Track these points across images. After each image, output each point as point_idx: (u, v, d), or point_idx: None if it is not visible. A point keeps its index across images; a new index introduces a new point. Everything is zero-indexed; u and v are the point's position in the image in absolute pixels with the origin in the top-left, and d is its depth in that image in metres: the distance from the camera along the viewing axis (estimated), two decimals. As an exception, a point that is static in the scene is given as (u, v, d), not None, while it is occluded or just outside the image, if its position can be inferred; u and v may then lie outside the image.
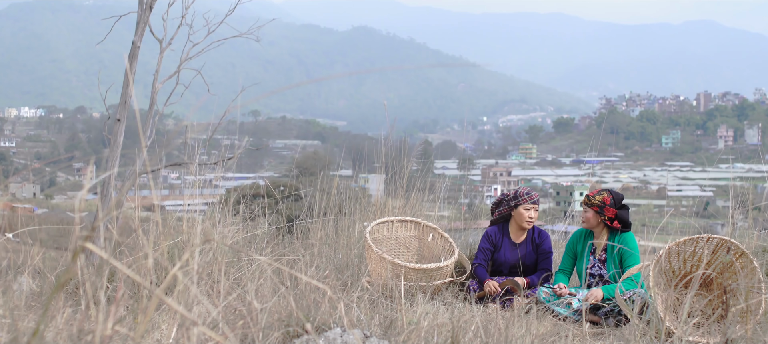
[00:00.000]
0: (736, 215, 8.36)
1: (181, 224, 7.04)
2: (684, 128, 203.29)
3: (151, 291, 2.11)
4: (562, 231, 10.21)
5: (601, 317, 6.93)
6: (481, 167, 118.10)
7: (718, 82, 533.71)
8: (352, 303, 4.86)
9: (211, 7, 10.45)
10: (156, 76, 9.52)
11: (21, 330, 2.75)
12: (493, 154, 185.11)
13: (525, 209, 7.84)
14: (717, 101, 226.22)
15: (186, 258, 2.23)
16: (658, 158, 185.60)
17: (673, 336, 5.51)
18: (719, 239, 6.43)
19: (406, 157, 10.55)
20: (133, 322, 3.15)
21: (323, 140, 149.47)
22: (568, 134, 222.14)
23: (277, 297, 4.98)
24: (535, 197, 7.87)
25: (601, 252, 7.29)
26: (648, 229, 10.79)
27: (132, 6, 9.63)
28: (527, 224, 7.88)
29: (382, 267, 7.18)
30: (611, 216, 7.15)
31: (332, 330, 4.20)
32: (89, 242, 2.06)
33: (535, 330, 5.50)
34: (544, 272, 7.69)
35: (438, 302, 6.59)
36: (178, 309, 1.99)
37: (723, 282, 6.50)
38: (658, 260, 6.33)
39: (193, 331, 2.53)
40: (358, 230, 8.76)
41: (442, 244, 8.21)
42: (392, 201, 9.61)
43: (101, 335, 2.31)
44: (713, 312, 6.42)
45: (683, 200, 50.02)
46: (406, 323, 4.66)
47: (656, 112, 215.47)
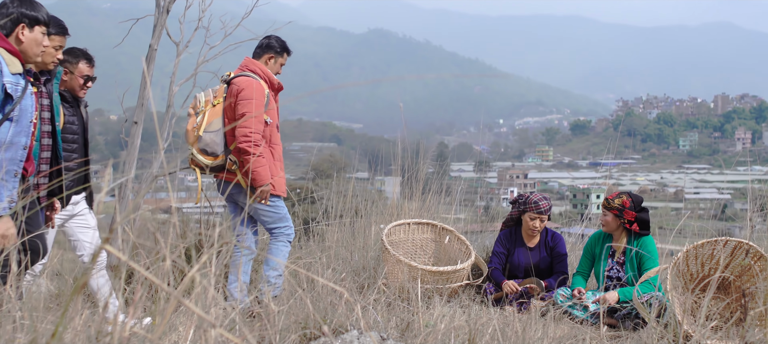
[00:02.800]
0: (754, 217, 8.31)
1: (199, 227, 7.07)
2: (701, 130, 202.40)
3: (169, 293, 2.12)
4: (579, 234, 10.16)
5: (619, 320, 6.90)
6: (498, 169, 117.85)
7: (736, 84, 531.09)
8: (368, 305, 4.86)
9: (227, 10, 10.47)
10: (173, 79, 9.55)
11: (40, 332, 2.76)
12: (509, 156, 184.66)
13: (530, 218, 7.80)
14: (735, 102, 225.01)
15: (204, 260, 2.23)
16: (675, 161, 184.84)
17: (691, 339, 5.48)
18: (737, 242, 6.39)
19: (422, 159, 10.54)
20: (150, 324, 3.16)
21: (339, 143, 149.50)
22: (584, 136, 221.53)
23: (294, 299, 4.99)
24: (544, 206, 7.76)
25: (620, 255, 7.25)
26: (665, 232, 10.74)
27: (149, 9, 9.66)
28: (531, 232, 7.84)
29: (398, 269, 7.17)
30: (631, 219, 7.11)
31: (349, 333, 4.20)
32: (107, 244, 2.06)
33: (553, 333, 5.48)
34: (560, 275, 7.66)
35: (455, 304, 6.58)
36: (196, 311, 2.00)
37: (741, 285, 6.46)
38: (675, 263, 6.30)
39: (210, 333, 2.53)
40: (374, 232, 8.76)
41: (458, 246, 8.20)
42: (408, 203, 9.61)
43: (119, 337, 2.31)
44: (731, 315, 6.38)
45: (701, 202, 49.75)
46: (422, 326, 4.65)
47: (673, 114, 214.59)
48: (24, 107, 4.51)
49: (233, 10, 12.17)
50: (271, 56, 6.76)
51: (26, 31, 4.58)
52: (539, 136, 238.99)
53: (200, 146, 6.32)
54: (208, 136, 6.31)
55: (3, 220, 4.33)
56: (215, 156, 6.34)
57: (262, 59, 6.75)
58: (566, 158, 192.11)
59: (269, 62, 6.76)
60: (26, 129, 4.55)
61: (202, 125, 6.33)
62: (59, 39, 5.34)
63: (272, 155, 6.56)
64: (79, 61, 6.05)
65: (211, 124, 6.35)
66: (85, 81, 6.09)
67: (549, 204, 7.82)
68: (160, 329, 2.34)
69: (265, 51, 6.77)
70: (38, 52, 4.67)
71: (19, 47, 4.57)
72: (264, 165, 6.30)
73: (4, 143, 4.42)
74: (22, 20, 4.56)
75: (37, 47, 4.65)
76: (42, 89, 5.02)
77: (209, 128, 6.33)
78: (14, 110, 4.44)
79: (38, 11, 4.64)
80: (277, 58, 6.79)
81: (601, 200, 7.46)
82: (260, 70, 6.62)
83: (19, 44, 4.57)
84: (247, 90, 6.36)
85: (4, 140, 4.42)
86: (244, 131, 6.23)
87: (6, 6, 4.57)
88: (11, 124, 4.45)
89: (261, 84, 6.47)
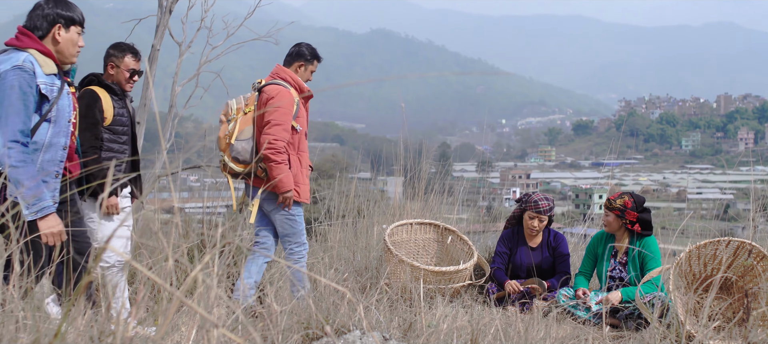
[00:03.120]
0: (757, 218, 8.30)
1: (201, 227, 7.07)
2: (704, 130, 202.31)
3: (172, 293, 2.12)
4: (581, 234, 10.16)
5: (621, 320, 6.90)
6: (500, 169, 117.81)
7: (739, 84, 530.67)
8: (371, 305, 4.86)
9: (230, 10, 10.48)
10: (175, 79, 9.57)
11: (42, 332, 2.76)
12: (511, 156, 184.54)
13: (529, 218, 7.81)
14: (737, 103, 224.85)
15: (206, 260, 2.23)
16: (677, 161, 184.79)
17: (694, 339, 5.48)
18: (740, 242, 6.39)
19: (424, 159, 10.54)
20: (153, 324, 3.16)
21: (342, 143, 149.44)
22: (587, 136, 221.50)
23: (297, 300, 4.99)
24: (543, 206, 7.76)
25: (622, 255, 7.25)
26: (668, 232, 10.73)
27: (152, 9, 9.67)
28: (530, 231, 7.85)
29: (401, 269, 7.17)
30: (632, 219, 7.10)
31: (351, 333, 4.20)
32: (110, 244, 2.07)
33: (555, 333, 5.48)
34: (562, 275, 7.65)
35: (457, 305, 6.58)
36: (199, 311, 2.00)
37: (744, 285, 6.45)
38: (678, 263, 6.29)
39: (213, 333, 2.53)
40: (376, 232, 8.75)
41: (461, 247, 8.19)
42: (411, 204, 9.61)
43: (122, 337, 2.31)
44: (734, 315, 6.38)
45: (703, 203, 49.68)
46: (425, 326, 4.65)
47: (676, 114, 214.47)
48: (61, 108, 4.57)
49: (236, 10, 12.18)
50: (300, 64, 6.83)
51: (62, 31, 4.62)
52: (542, 136, 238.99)
53: (232, 154, 6.43)
54: (240, 144, 6.42)
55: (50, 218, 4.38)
56: (246, 164, 6.45)
57: (292, 67, 6.82)
58: (569, 158, 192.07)
59: (299, 70, 6.83)
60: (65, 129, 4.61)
61: (234, 133, 6.44)
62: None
63: (299, 162, 6.64)
64: (124, 55, 6.16)
65: (242, 132, 6.46)
66: (131, 75, 6.20)
67: (549, 205, 7.80)
68: (163, 329, 2.34)
69: (294, 59, 6.83)
70: (74, 52, 4.72)
71: (55, 48, 4.62)
72: (287, 172, 6.37)
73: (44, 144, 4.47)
74: (58, 21, 4.61)
75: (73, 47, 4.69)
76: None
77: (241, 136, 6.44)
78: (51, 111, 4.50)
79: (73, 11, 4.69)
80: (307, 65, 6.86)
81: (604, 201, 7.46)
82: (290, 77, 6.69)
83: (55, 45, 4.62)
84: (276, 98, 6.44)
85: (44, 141, 4.47)
86: (269, 138, 6.31)
87: (41, 7, 4.61)
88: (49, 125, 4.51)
89: (290, 92, 6.53)
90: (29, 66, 4.37)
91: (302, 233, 6.68)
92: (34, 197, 4.32)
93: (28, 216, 4.32)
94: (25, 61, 4.37)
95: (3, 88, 4.34)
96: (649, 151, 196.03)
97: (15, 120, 4.30)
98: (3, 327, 2.96)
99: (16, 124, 4.30)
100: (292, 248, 6.64)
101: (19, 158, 4.28)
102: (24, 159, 4.30)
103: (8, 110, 4.30)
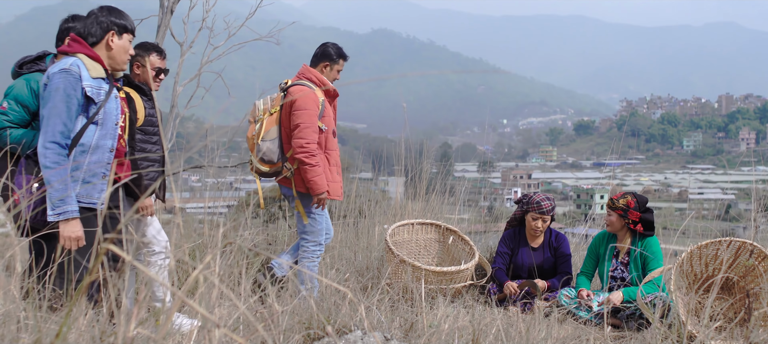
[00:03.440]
0: (758, 218, 8.30)
1: (203, 227, 7.07)
2: (705, 130, 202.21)
3: (173, 293, 2.12)
4: (583, 234, 10.15)
5: (623, 320, 6.90)
6: (502, 169, 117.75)
7: (740, 84, 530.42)
8: (372, 305, 4.86)
9: (231, 10, 10.48)
10: (177, 79, 9.56)
11: (44, 332, 2.76)
12: (513, 157, 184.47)
13: (532, 218, 7.81)
14: (739, 103, 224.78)
15: (208, 260, 2.23)
16: (679, 161, 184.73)
17: (695, 340, 5.47)
18: (741, 242, 6.39)
19: (425, 159, 10.54)
20: (154, 324, 3.16)
21: (343, 143, 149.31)
22: (588, 136, 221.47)
23: (298, 300, 4.99)
24: (546, 207, 7.75)
25: (624, 255, 7.25)
26: (669, 232, 10.72)
27: (153, 9, 9.68)
28: (533, 232, 7.85)
29: (402, 269, 7.17)
30: (635, 219, 7.10)
31: (353, 333, 4.20)
32: (111, 244, 2.07)
33: (557, 334, 5.48)
34: (564, 275, 7.65)
35: (458, 305, 6.58)
36: (200, 311, 2.00)
37: (745, 285, 6.45)
38: (679, 263, 6.29)
39: (214, 333, 2.53)
40: (378, 232, 8.75)
41: (462, 247, 8.19)
42: (412, 204, 9.61)
43: (123, 337, 2.31)
44: (735, 315, 6.38)
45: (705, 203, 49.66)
46: (426, 326, 4.65)
47: (677, 114, 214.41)
48: (108, 111, 4.67)
49: (237, 10, 12.18)
50: (326, 64, 6.94)
51: (115, 38, 4.76)
52: (543, 136, 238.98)
53: (258, 154, 6.60)
54: (265, 145, 6.59)
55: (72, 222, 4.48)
56: (272, 164, 6.62)
57: (318, 67, 6.94)
58: (570, 159, 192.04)
59: (325, 70, 6.94)
60: (111, 132, 4.70)
61: (260, 134, 6.61)
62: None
63: (328, 160, 6.77)
64: (150, 54, 6.21)
65: (268, 132, 6.61)
66: (157, 73, 6.25)
67: (551, 205, 7.79)
68: (164, 329, 2.34)
69: (320, 59, 6.94)
70: (126, 59, 4.84)
71: (108, 53, 4.75)
72: (320, 174, 6.53)
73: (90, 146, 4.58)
74: (112, 28, 4.75)
75: (124, 54, 4.82)
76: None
77: (266, 136, 6.61)
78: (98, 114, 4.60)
79: (126, 20, 4.83)
80: (333, 65, 6.96)
81: (605, 201, 7.46)
82: (316, 77, 6.81)
83: (108, 51, 4.75)
84: (301, 100, 6.56)
85: (90, 143, 4.58)
86: (300, 142, 6.46)
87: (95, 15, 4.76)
88: (96, 127, 4.62)
89: (315, 93, 6.64)
90: (75, 70, 4.50)
91: (321, 233, 6.80)
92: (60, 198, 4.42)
93: (51, 217, 4.42)
94: (71, 65, 4.51)
95: (49, 90, 4.48)
96: (650, 151, 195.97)
97: (56, 122, 4.44)
98: (4, 327, 2.96)
99: (57, 125, 4.44)
100: (307, 246, 6.76)
101: (54, 160, 4.41)
102: (58, 161, 4.43)
103: (51, 111, 4.45)
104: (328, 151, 6.77)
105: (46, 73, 4.57)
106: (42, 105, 4.51)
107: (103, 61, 4.70)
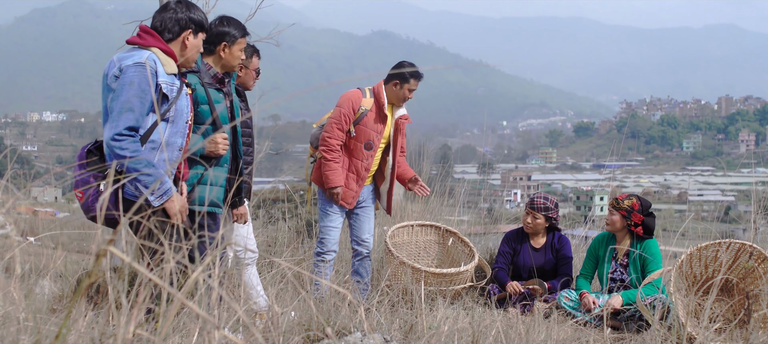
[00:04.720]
0: (758, 219, 8.30)
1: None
2: (705, 132, 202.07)
3: (173, 294, 2.12)
4: (582, 236, 10.15)
5: (622, 322, 6.90)
6: (501, 171, 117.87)
7: (740, 86, 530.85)
8: (372, 307, 4.86)
9: (231, 12, 10.47)
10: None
11: (43, 334, 2.76)
12: (513, 158, 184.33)
13: (526, 213, 7.83)
14: (738, 104, 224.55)
15: (207, 261, 2.23)
16: (679, 163, 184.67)
17: (695, 341, 5.48)
18: (741, 244, 6.39)
19: (425, 161, 10.54)
20: (154, 326, 3.16)
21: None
22: (588, 138, 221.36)
23: (298, 301, 4.99)
24: (538, 203, 7.76)
25: (623, 257, 7.25)
26: (669, 234, 10.73)
27: (153, 10, 9.65)
28: (525, 227, 7.86)
29: (402, 271, 7.17)
30: (637, 222, 7.10)
31: (353, 335, 4.20)
32: (111, 245, 2.07)
33: (556, 335, 5.48)
34: (564, 277, 7.65)
35: (458, 307, 6.58)
36: (200, 313, 2.00)
37: (745, 287, 6.45)
38: (679, 265, 6.29)
39: (214, 335, 2.53)
40: (377, 234, 8.75)
41: (462, 248, 8.19)
42: (412, 205, 9.61)
43: (123, 338, 2.32)
44: (735, 317, 6.38)
45: (704, 204, 49.72)
46: (426, 328, 4.65)
47: (677, 116, 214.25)
48: (179, 108, 4.58)
49: (237, 11, 12.15)
50: (396, 83, 7.03)
51: (191, 36, 4.67)
52: (543, 138, 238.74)
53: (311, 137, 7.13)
54: (316, 130, 7.11)
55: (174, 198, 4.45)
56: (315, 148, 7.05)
57: (388, 84, 7.06)
58: (570, 160, 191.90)
59: (395, 88, 7.04)
60: (182, 130, 4.63)
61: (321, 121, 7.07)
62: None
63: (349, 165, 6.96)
64: (253, 57, 6.23)
65: (322, 122, 7.05)
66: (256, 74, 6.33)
67: (544, 204, 7.75)
68: (164, 331, 2.34)
69: (392, 77, 7.04)
70: (196, 58, 4.78)
71: (182, 52, 4.65)
72: (334, 170, 6.81)
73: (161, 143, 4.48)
74: (190, 26, 4.65)
75: (196, 54, 4.76)
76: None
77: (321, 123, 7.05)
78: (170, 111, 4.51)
79: (202, 17, 4.74)
80: (403, 83, 7.03)
81: (606, 202, 7.46)
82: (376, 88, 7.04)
83: (182, 49, 4.65)
84: (341, 98, 6.98)
85: (161, 140, 4.48)
86: (324, 135, 6.86)
87: (173, 10, 4.64)
88: (167, 124, 4.53)
89: (355, 94, 6.95)
90: (152, 65, 4.38)
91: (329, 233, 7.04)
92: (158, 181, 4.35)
93: (155, 202, 4.37)
94: (148, 59, 4.38)
95: (122, 83, 4.35)
96: (650, 153, 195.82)
97: (128, 116, 4.31)
98: (4, 328, 2.96)
99: (128, 120, 4.31)
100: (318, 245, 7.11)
101: (133, 149, 4.29)
102: (137, 149, 4.31)
103: (123, 105, 4.32)
104: (352, 157, 6.94)
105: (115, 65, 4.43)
106: (112, 97, 4.37)
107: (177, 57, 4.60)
